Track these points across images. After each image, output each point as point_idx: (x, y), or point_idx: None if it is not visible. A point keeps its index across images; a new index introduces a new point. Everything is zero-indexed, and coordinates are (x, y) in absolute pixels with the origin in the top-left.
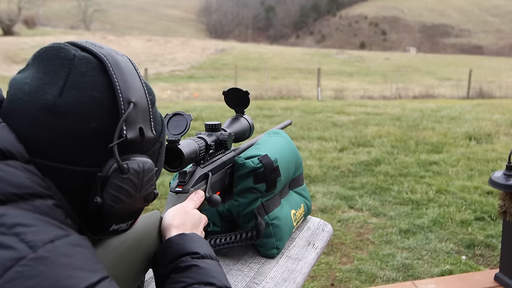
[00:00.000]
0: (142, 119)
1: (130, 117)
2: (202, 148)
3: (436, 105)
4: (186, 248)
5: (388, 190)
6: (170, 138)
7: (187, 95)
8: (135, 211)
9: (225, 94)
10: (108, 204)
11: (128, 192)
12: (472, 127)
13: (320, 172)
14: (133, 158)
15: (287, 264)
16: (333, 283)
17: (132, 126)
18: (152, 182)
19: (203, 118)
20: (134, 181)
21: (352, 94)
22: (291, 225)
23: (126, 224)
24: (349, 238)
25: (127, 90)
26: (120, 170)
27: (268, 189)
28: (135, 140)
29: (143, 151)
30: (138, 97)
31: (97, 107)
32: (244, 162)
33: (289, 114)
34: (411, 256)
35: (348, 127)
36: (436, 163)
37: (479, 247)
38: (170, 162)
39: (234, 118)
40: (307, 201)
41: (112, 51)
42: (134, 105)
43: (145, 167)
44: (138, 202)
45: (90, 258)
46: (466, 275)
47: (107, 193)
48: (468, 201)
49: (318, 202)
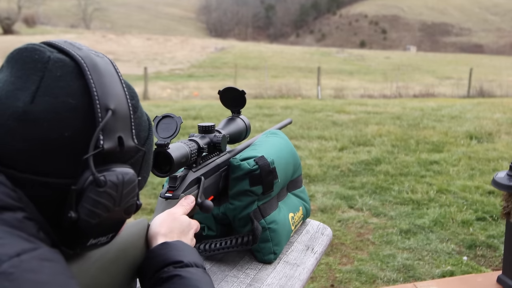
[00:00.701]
0: (122, 127)
1: (107, 126)
2: (194, 151)
3: (437, 104)
4: (169, 257)
5: (389, 190)
6: (159, 141)
7: (187, 93)
8: (115, 224)
9: (221, 93)
10: (83, 219)
11: (105, 206)
12: (473, 126)
13: (320, 172)
14: (112, 169)
15: (285, 270)
16: (333, 284)
17: (110, 135)
18: (133, 194)
19: (202, 117)
20: (112, 195)
21: (352, 93)
22: (289, 229)
23: (106, 237)
24: (349, 238)
25: (105, 96)
26: (96, 183)
27: (264, 192)
28: (113, 150)
29: (124, 160)
30: (117, 103)
31: (71, 115)
32: (239, 163)
33: (289, 113)
34: (412, 256)
35: (348, 126)
36: (437, 163)
37: (480, 248)
38: (159, 167)
39: (230, 118)
40: (305, 203)
41: (91, 53)
42: (113, 112)
43: (125, 179)
44: (118, 215)
45: (60, 273)
46: (468, 276)
47: (83, 207)
48: (469, 201)
49: (318, 202)
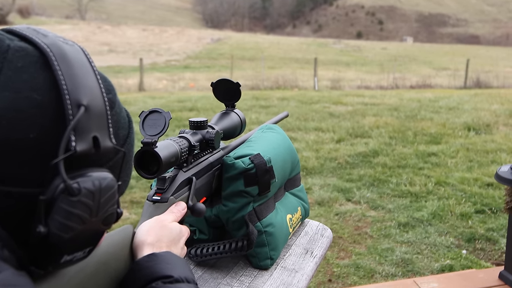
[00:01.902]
0: (97, 126)
1: (80, 124)
2: (184, 149)
3: (434, 95)
4: (157, 271)
5: (386, 182)
6: (146, 139)
7: (183, 85)
8: (92, 237)
9: (214, 86)
10: (54, 233)
11: (80, 217)
12: (470, 117)
13: (317, 164)
14: (87, 174)
15: (282, 277)
16: (331, 279)
17: (83, 135)
18: (112, 201)
19: (198, 109)
20: (87, 204)
21: (349, 84)
22: (287, 232)
23: (82, 252)
24: (346, 232)
25: (76, 90)
26: (69, 192)
27: (260, 192)
28: (87, 153)
29: (101, 163)
30: (91, 98)
31: (37, 112)
32: (233, 162)
33: (286, 104)
34: (411, 250)
35: (345, 118)
36: (435, 155)
37: (479, 241)
38: (146, 167)
39: (224, 113)
40: (304, 203)
41: (58, 40)
42: (86, 108)
43: (102, 185)
44: (95, 227)
45: None
46: (469, 272)
47: (53, 220)
48: (468, 194)
49: (315, 195)
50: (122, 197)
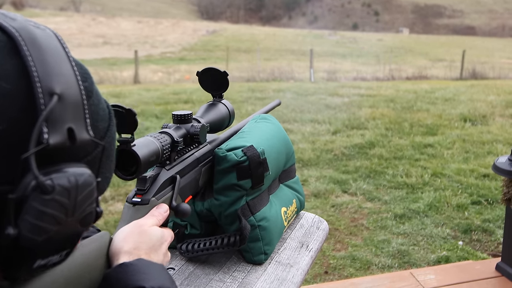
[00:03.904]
0: (72, 116)
1: (53, 115)
2: (166, 146)
3: (430, 86)
4: (127, 284)
5: (383, 174)
6: (122, 138)
7: (178, 77)
8: (69, 239)
9: (200, 75)
10: (26, 236)
11: (54, 218)
12: (467, 108)
13: (313, 156)
14: (62, 170)
15: (277, 272)
16: (327, 271)
17: (57, 127)
18: (91, 200)
19: (193, 101)
20: (62, 203)
21: (345, 76)
22: (282, 226)
23: (58, 255)
24: (343, 223)
25: (48, 77)
26: (41, 189)
27: (254, 186)
28: (62, 146)
29: (78, 158)
30: (65, 86)
31: (5, 102)
32: (225, 154)
33: (282, 96)
34: (407, 242)
35: (341, 109)
36: (431, 146)
37: (476, 232)
38: (125, 168)
39: (210, 104)
40: (299, 195)
41: (28, 24)
42: (59, 97)
43: (79, 182)
44: (72, 228)
45: None
46: (466, 264)
47: (24, 221)
48: (464, 185)
49: (311, 187)
50: (117, 190)
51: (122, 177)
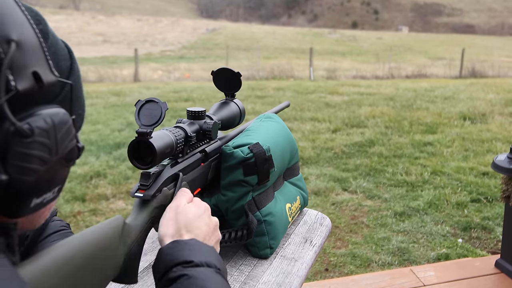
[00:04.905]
0: (34, 60)
1: (15, 61)
2: (180, 140)
3: (430, 85)
4: (178, 257)
5: (383, 172)
6: (141, 129)
7: (178, 75)
8: (58, 176)
9: (214, 74)
10: (17, 179)
11: (39, 158)
12: (466, 106)
13: (313, 154)
14: (36, 113)
15: (282, 266)
16: (328, 268)
17: (21, 73)
18: (70, 136)
19: (194, 99)
20: (44, 143)
21: (345, 74)
22: (286, 221)
23: (51, 193)
24: (343, 221)
25: (2, 26)
26: (20, 134)
27: (260, 182)
28: (31, 90)
29: (49, 100)
30: (20, 32)
31: None
32: (232, 151)
33: (281, 94)
34: (407, 239)
35: (341, 108)
36: (430, 144)
37: (475, 230)
38: (141, 158)
39: (223, 102)
40: (303, 192)
41: None
42: (17, 44)
43: (55, 121)
44: (59, 165)
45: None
46: (465, 261)
47: (12, 166)
48: (464, 183)
49: (312, 185)
50: (118, 188)
51: (138, 166)
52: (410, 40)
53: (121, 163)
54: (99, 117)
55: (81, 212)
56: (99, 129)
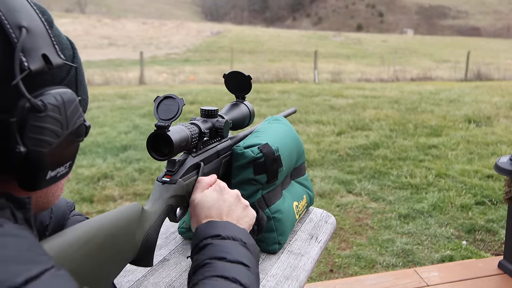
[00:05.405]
0: (43, 44)
1: (26, 45)
2: (195, 135)
3: (435, 88)
4: (209, 232)
5: (387, 174)
6: (159, 123)
7: (183, 78)
8: (69, 151)
9: (226, 77)
10: (33, 150)
11: (53, 131)
12: (471, 109)
13: (318, 156)
14: (47, 92)
15: (289, 260)
16: (332, 269)
17: (33, 55)
18: (78, 113)
19: (199, 102)
20: (56, 117)
21: (350, 77)
22: (294, 218)
23: (64, 167)
24: (348, 223)
25: (13, 14)
26: (35, 109)
27: (269, 180)
28: (42, 71)
29: (57, 81)
30: (29, 20)
31: None
32: (243, 151)
33: (286, 97)
34: (411, 241)
35: (346, 111)
36: (435, 147)
37: (479, 232)
38: (159, 150)
39: (234, 104)
40: (309, 191)
41: None
42: (27, 29)
43: (64, 99)
44: (70, 140)
45: (28, 248)
46: (468, 262)
47: (29, 138)
48: (468, 185)
49: (317, 187)
50: (125, 189)
51: (156, 157)
52: (415, 42)
53: (127, 165)
54: (106, 120)
55: (89, 213)
56: (106, 131)
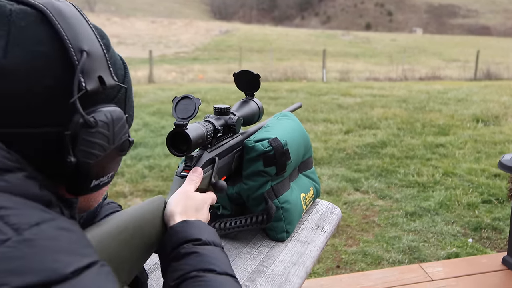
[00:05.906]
0: (100, 67)
1: (86, 67)
2: (210, 132)
3: (443, 87)
4: (188, 235)
5: (394, 173)
6: (178, 122)
7: (192, 77)
8: (113, 163)
9: (236, 76)
10: (82, 161)
11: (100, 145)
12: (479, 109)
13: (326, 155)
14: (99, 109)
15: (296, 248)
16: (339, 265)
17: (90, 76)
18: (124, 130)
19: (208, 100)
20: (104, 133)
21: (358, 76)
22: (301, 209)
23: (106, 177)
24: (355, 220)
25: (76, 38)
26: (88, 124)
27: (278, 172)
28: (96, 91)
29: (108, 100)
30: (90, 44)
31: (45, 63)
32: (253, 145)
33: (294, 96)
34: (417, 238)
35: (353, 109)
36: (443, 146)
37: (485, 230)
38: (177, 147)
39: (244, 101)
40: (316, 184)
41: None
42: (88, 53)
43: (113, 116)
44: (114, 154)
45: (77, 241)
46: (473, 258)
47: (79, 151)
48: (475, 184)
49: (324, 185)
50: (136, 186)
51: (175, 154)
52: (424, 41)
53: (138, 162)
54: None
55: None
56: None
